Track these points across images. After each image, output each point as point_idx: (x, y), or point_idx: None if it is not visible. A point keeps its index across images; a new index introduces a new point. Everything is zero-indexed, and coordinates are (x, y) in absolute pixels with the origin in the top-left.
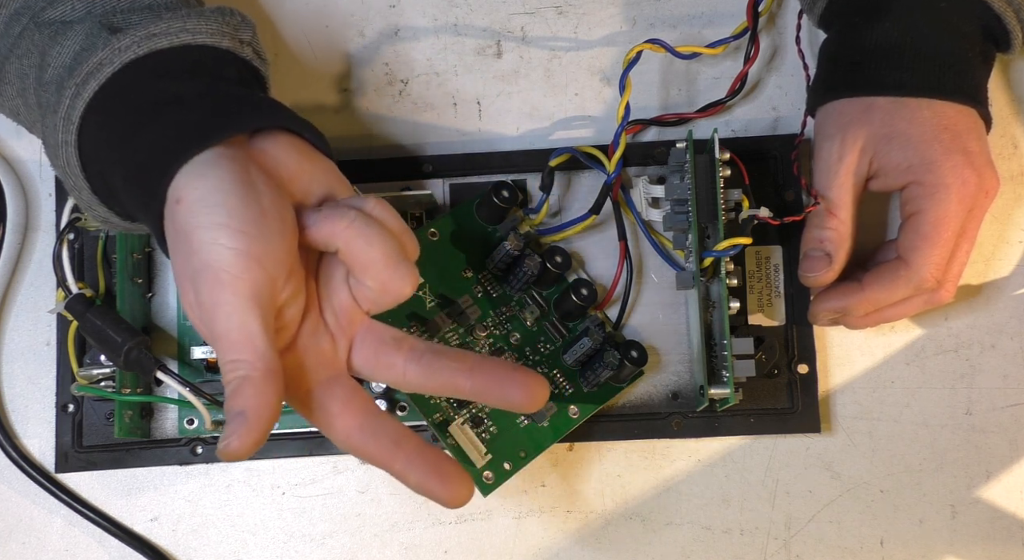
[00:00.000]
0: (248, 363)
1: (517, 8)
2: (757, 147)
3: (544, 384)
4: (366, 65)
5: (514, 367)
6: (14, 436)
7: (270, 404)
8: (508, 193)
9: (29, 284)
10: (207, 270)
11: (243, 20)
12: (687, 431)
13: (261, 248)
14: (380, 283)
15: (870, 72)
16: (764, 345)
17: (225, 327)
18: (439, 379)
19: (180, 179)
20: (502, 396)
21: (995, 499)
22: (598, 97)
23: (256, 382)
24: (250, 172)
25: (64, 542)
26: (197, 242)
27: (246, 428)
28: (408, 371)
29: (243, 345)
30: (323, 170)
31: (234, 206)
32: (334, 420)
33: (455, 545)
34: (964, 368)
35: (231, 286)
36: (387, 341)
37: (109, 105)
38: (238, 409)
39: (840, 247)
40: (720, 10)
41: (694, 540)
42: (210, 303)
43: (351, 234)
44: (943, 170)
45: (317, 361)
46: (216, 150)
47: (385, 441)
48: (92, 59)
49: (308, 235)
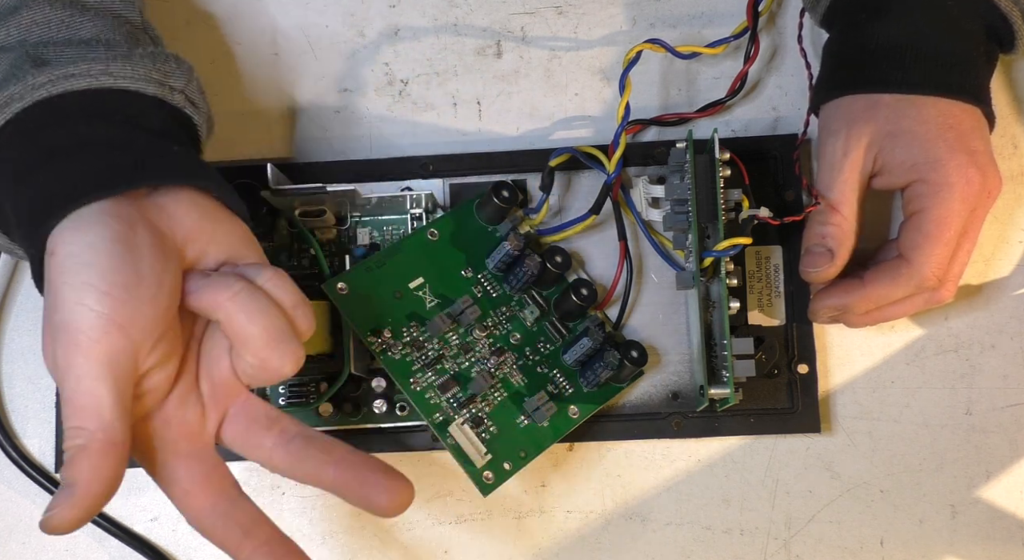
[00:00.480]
0: (88, 432)
1: (517, 8)
2: (757, 147)
3: (409, 490)
4: (366, 65)
5: (382, 469)
6: (14, 436)
7: (104, 478)
8: (508, 193)
9: (29, 284)
10: (65, 330)
11: (178, 66)
12: (687, 431)
13: (127, 314)
14: (259, 360)
15: (875, 70)
16: (764, 345)
17: (73, 391)
18: (303, 468)
19: (58, 232)
20: (363, 496)
21: (995, 499)
22: (598, 97)
23: (93, 454)
24: (135, 231)
25: (64, 542)
26: (61, 299)
27: (71, 501)
28: (275, 454)
29: (88, 413)
30: (226, 232)
31: (106, 267)
32: (186, 497)
33: (455, 545)
34: (964, 368)
35: (86, 350)
36: (260, 419)
37: (14, 141)
38: (69, 480)
39: (842, 243)
40: (720, 10)
41: (694, 540)
42: (63, 364)
43: (233, 307)
44: (947, 169)
45: (180, 432)
46: (102, 204)
47: (234, 528)
48: (4, 92)
49: (189, 302)
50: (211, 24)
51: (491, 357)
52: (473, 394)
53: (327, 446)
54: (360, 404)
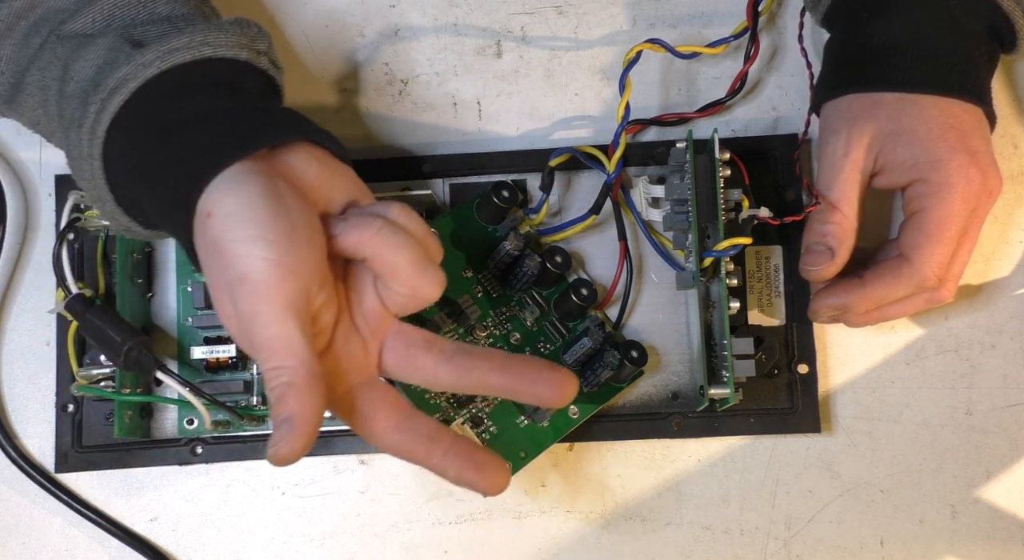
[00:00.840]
0: (290, 369)
1: (517, 8)
2: (757, 147)
3: (573, 380)
4: (366, 65)
5: (544, 364)
6: (14, 436)
7: (315, 408)
8: (508, 193)
9: (29, 284)
10: (243, 282)
11: (259, 31)
12: (687, 431)
13: (294, 258)
14: (409, 288)
15: (877, 68)
16: (764, 345)
17: (265, 336)
18: (470, 378)
19: (210, 193)
20: (533, 393)
21: (995, 499)
22: (598, 97)
23: (300, 388)
24: (277, 185)
25: (64, 542)
26: (231, 255)
27: (294, 433)
28: (439, 372)
29: (284, 352)
30: (344, 178)
31: (265, 218)
32: (370, 422)
33: (455, 545)
34: (964, 368)
35: (268, 296)
36: (417, 343)
37: (134, 120)
38: (285, 415)
39: (843, 242)
40: (720, 10)
41: (694, 540)
42: (249, 314)
43: (378, 242)
44: (948, 168)
45: (351, 365)
46: (243, 164)
47: (421, 438)
48: (116, 74)
49: (336, 244)
50: None
51: None
52: (473, 394)
53: (487, 354)
54: None
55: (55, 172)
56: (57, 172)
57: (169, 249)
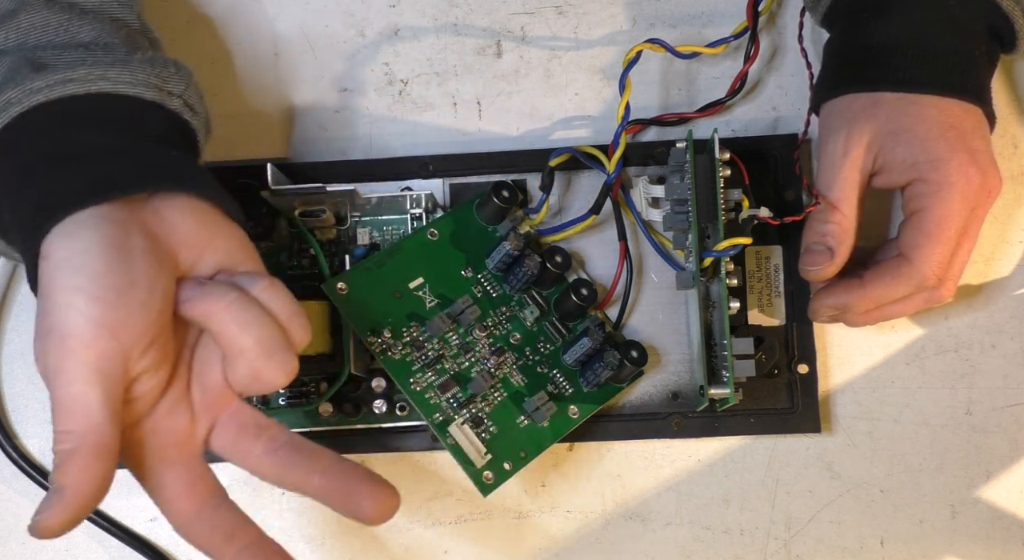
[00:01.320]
0: (78, 436)
1: (517, 8)
2: (757, 147)
3: (394, 498)
4: (366, 65)
5: (367, 477)
6: (14, 436)
7: (93, 481)
8: (508, 193)
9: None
10: (55, 333)
11: (177, 71)
12: (687, 431)
13: (118, 318)
14: (251, 371)
15: (877, 68)
16: (764, 345)
17: (62, 395)
18: (291, 476)
19: (52, 237)
20: (349, 504)
21: (995, 499)
22: (598, 97)
23: (82, 457)
24: (129, 236)
25: (64, 542)
26: (52, 303)
27: (62, 504)
28: (263, 462)
29: (77, 416)
30: (224, 238)
31: (98, 271)
32: (172, 503)
33: (455, 545)
34: (964, 368)
35: (76, 354)
36: (249, 428)
37: (11, 146)
38: (58, 484)
39: (842, 241)
40: (720, 10)
41: (694, 540)
42: (53, 368)
43: (226, 318)
44: (948, 168)
45: (169, 439)
46: (97, 209)
47: (217, 533)
48: (2, 96)
49: (183, 310)
50: (211, 25)
51: (491, 357)
52: (473, 394)
53: (314, 454)
54: (360, 404)
55: None
56: None
57: None
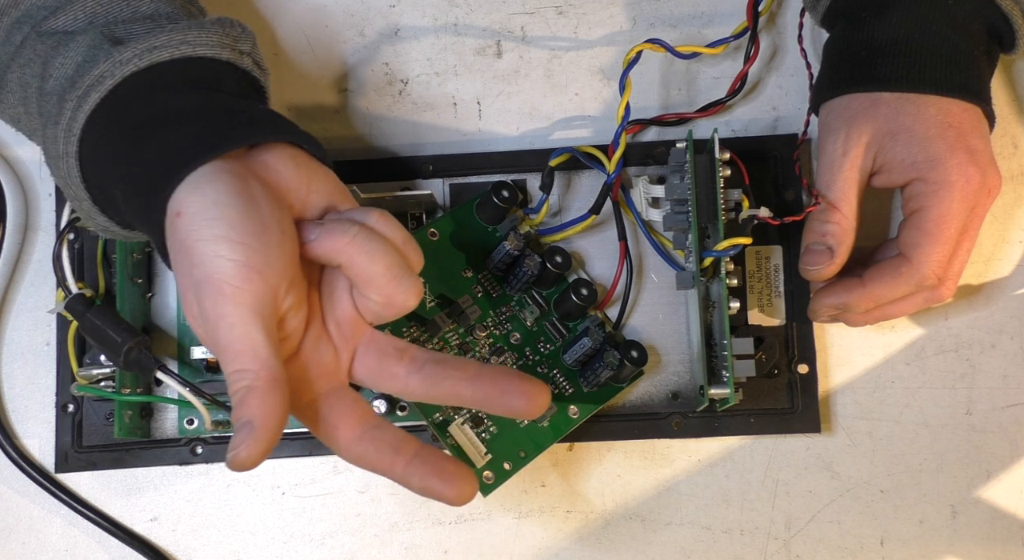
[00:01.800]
0: (252, 373)
1: (517, 8)
2: (757, 147)
3: (546, 391)
4: (366, 65)
5: (516, 375)
6: (14, 436)
7: (277, 412)
8: (508, 193)
9: (29, 284)
10: (208, 282)
11: (243, 31)
12: (687, 431)
13: (261, 259)
14: (383, 297)
15: (876, 67)
16: (764, 345)
17: (228, 338)
18: (441, 389)
19: (180, 193)
20: (504, 404)
21: (995, 499)
22: (598, 97)
23: (261, 391)
24: (249, 185)
25: (64, 542)
26: (198, 255)
27: (253, 438)
28: (410, 381)
29: (247, 355)
30: (323, 182)
31: (233, 218)
32: (335, 431)
33: (455, 545)
34: (964, 368)
35: (233, 298)
36: (390, 352)
37: (110, 118)
38: (245, 419)
39: (842, 241)
40: (720, 10)
41: (694, 540)
42: (213, 315)
43: (353, 250)
44: (947, 167)
45: (319, 372)
46: (215, 164)
47: (385, 449)
48: (94, 71)
49: (310, 250)
50: None
51: (491, 357)
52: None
53: (460, 364)
54: None
55: (56, 181)
56: None
57: None
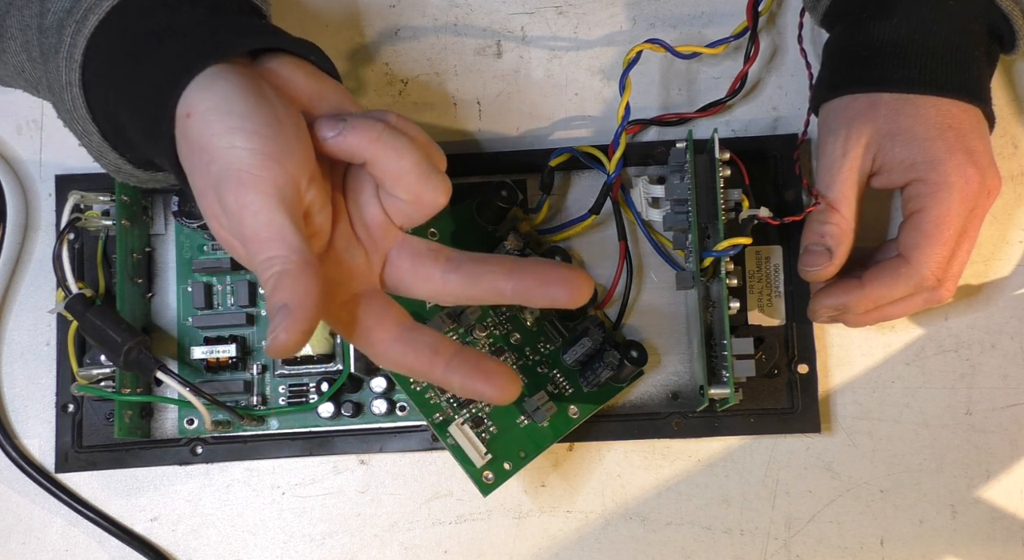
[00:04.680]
0: (282, 257)
1: (517, 8)
2: (757, 147)
3: (589, 281)
4: (366, 65)
5: (556, 264)
6: (14, 436)
7: (312, 292)
8: (508, 193)
9: (29, 284)
10: (227, 174)
11: None
12: (687, 431)
13: (279, 148)
14: (413, 195)
15: (876, 68)
16: (764, 345)
17: (254, 226)
18: (480, 285)
19: (188, 94)
20: (546, 295)
21: (995, 499)
22: (598, 97)
23: (294, 274)
24: (259, 83)
25: (64, 542)
26: (214, 150)
27: (291, 319)
28: (448, 281)
29: (274, 241)
30: (332, 91)
31: (245, 110)
32: (370, 334)
33: (455, 545)
34: (964, 368)
35: (254, 185)
36: (424, 253)
37: (110, 39)
38: (280, 303)
39: (841, 242)
40: (720, 10)
41: (694, 540)
42: (236, 206)
43: (380, 146)
44: (946, 168)
45: (351, 274)
46: (222, 65)
47: (423, 349)
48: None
49: (333, 145)
50: None
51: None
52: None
53: (497, 260)
54: (360, 404)
55: (55, 172)
56: (57, 172)
57: (169, 249)
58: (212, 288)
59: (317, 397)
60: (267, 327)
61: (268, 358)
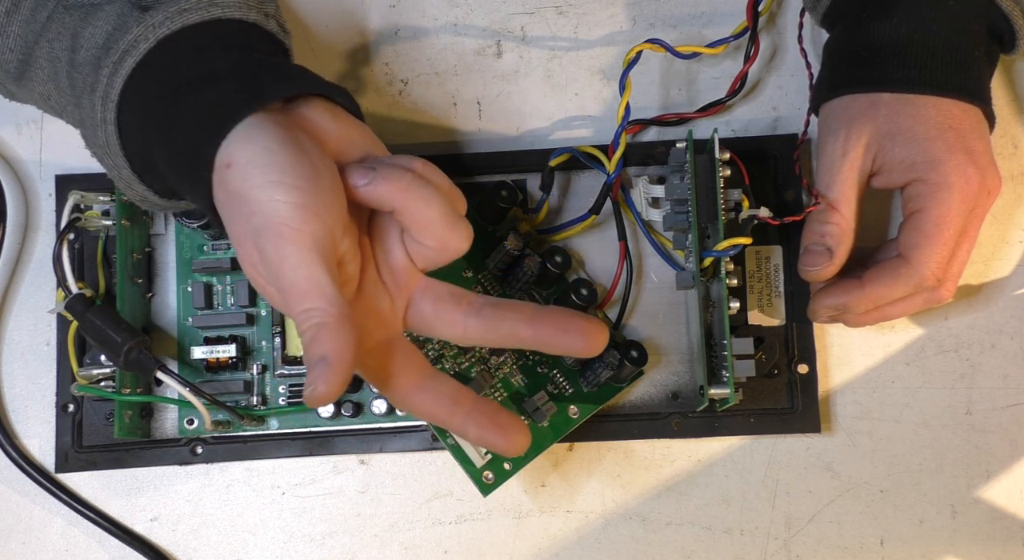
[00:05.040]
0: (321, 310)
1: (517, 8)
2: (757, 147)
3: (604, 330)
4: (366, 65)
5: (574, 314)
6: (14, 436)
7: (349, 346)
8: (508, 193)
9: (29, 284)
10: (267, 227)
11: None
12: (687, 431)
13: (317, 201)
14: (439, 242)
15: (876, 68)
16: (764, 345)
17: (293, 279)
18: (500, 331)
19: (228, 145)
20: (563, 343)
21: (995, 499)
22: (598, 97)
23: (331, 327)
24: (296, 133)
25: (64, 542)
26: (255, 202)
27: (331, 371)
28: (468, 325)
29: (313, 293)
30: (359, 133)
31: (285, 163)
32: (393, 380)
33: (455, 545)
34: (964, 368)
35: (293, 239)
36: (445, 297)
37: (146, 82)
38: (320, 355)
39: (841, 242)
40: (720, 10)
41: (694, 540)
42: (276, 258)
43: (408, 196)
44: (946, 168)
45: (377, 321)
46: (259, 115)
47: (444, 400)
48: (127, 37)
49: (363, 194)
50: None
51: (491, 357)
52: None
53: (517, 306)
54: (360, 404)
55: (55, 172)
56: (57, 172)
57: (169, 249)
58: (212, 288)
59: None
60: (264, 329)
61: (268, 358)
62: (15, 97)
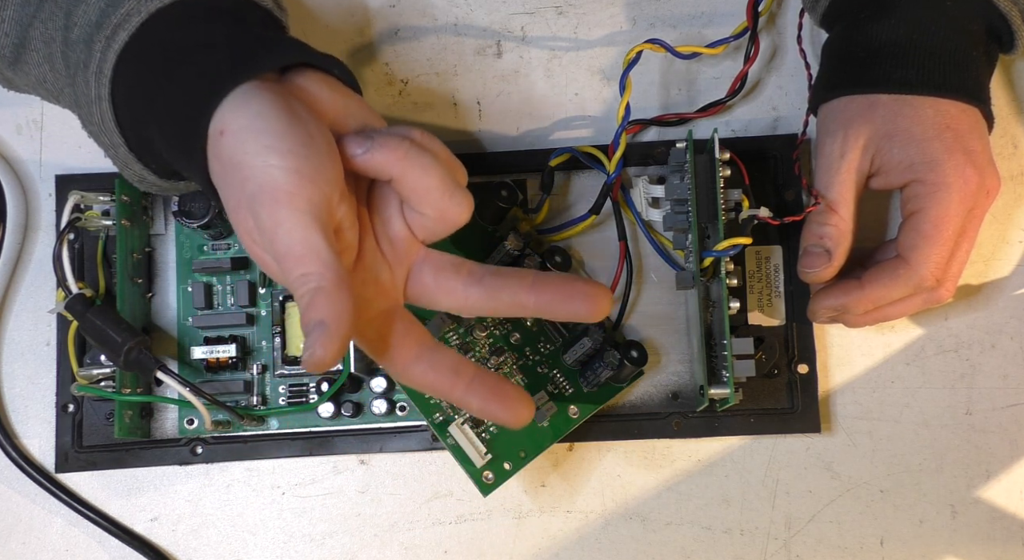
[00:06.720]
0: (317, 274)
1: (517, 8)
2: (757, 147)
3: (608, 294)
4: (366, 65)
5: (577, 279)
6: (14, 436)
7: (346, 309)
8: (508, 193)
9: (29, 284)
10: (262, 192)
11: None
12: (687, 431)
13: (312, 166)
14: (438, 211)
15: (875, 69)
16: (764, 345)
17: (288, 243)
18: (501, 299)
19: (222, 112)
20: (567, 309)
21: (995, 499)
22: (598, 97)
23: (328, 291)
24: (290, 100)
25: (64, 542)
26: (248, 168)
27: (327, 336)
28: (470, 295)
29: (309, 258)
30: (356, 105)
31: (279, 129)
32: (393, 351)
33: (455, 545)
34: (964, 368)
35: (288, 203)
36: (446, 267)
37: (140, 55)
38: (317, 319)
39: (840, 243)
40: (720, 10)
41: (694, 540)
42: (270, 223)
43: (407, 163)
44: (945, 169)
45: (376, 291)
46: (253, 83)
47: (444, 370)
48: (119, 11)
49: (361, 163)
50: None
51: (491, 357)
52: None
53: (519, 273)
54: (360, 404)
55: (55, 172)
56: (57, 172)
57: (169, 249)
58: (212, 288)
59: (317, 397)
60: (264, 329)
61: (268, 358)
62: (12, 85)
